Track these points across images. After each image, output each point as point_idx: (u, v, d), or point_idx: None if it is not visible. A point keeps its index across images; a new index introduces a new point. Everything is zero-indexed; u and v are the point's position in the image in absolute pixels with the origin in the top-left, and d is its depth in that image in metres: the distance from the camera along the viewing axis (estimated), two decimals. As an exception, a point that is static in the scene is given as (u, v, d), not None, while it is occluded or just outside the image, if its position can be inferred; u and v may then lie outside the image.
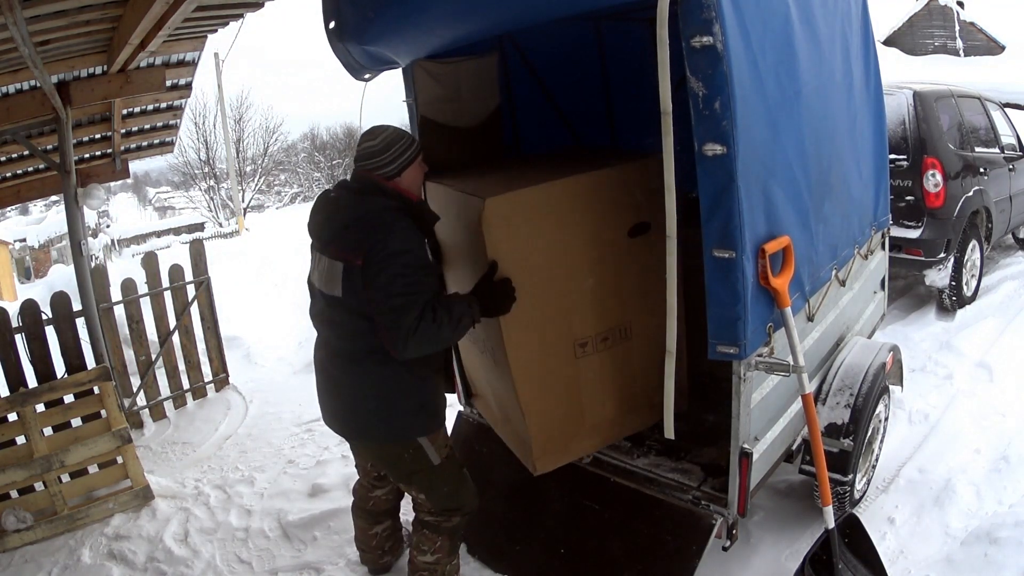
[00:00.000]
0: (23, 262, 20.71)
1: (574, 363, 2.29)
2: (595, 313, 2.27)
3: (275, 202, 32.06)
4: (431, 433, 2.12)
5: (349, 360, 2.06)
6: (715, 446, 2.41)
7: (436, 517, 2.22)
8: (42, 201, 22.67)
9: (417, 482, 2.18)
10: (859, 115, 2.73)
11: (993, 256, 5.57)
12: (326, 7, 2.41)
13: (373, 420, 2.07)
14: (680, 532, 2.18)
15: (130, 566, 2.90)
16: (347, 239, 1.95)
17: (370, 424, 2.09)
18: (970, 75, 12.71)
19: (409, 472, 2.16)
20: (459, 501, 2.22)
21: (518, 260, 2.11)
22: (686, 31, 1.65)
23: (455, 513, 2.22)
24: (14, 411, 3.18)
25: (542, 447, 2.33)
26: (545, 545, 2.43)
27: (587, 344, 2.29)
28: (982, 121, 5.15)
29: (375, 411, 2.06)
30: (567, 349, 2.27)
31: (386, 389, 2.02)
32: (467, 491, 2.26)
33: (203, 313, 4.61)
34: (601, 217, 2.21)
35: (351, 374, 2.06)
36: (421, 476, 2.15)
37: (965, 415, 3.31)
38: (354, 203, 2.01)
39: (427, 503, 2.21)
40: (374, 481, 2.45)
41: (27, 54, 2.42)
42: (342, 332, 2.05)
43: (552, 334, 2.23)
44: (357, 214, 1.97)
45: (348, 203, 2.03)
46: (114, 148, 4.92)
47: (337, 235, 1.99)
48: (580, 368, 2.30)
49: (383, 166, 2.03)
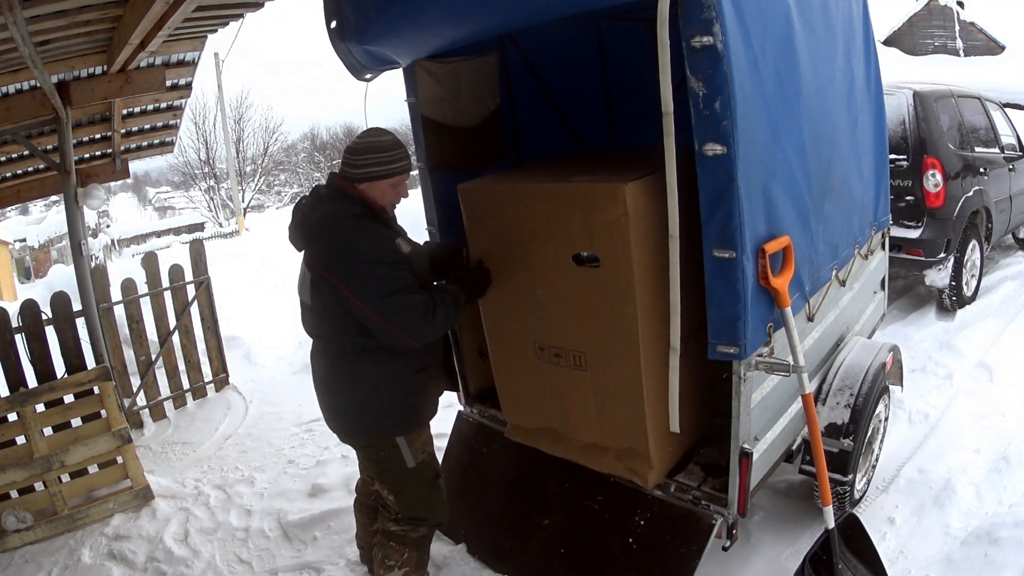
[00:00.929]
0: (23, 262, 20.70)
1: (535, 360, 2.39)
2: (546, 324, 2.31)
3: (275, 202, 32.06)
4: (408, 434, 2.11)
5: (329, 360, 2.11)
6: (715, 446, 2.41)
7: (402, 526, 2.19)
8: (42, 201, 22.66)
9: (388, 482, 2.18)
10: (859, 115, 2.73)
11: (993, 256, 5.57)
12: (327, 7, 2.41)
13: (352, 415, 2.12)
14: (680, 532, 2.18)
15: (130, 566, 2.90)
16: (315, 250, 1.98)
17: (349, 419, 2.14)
18: (970, 75, 12.71)
19: (382, 470, 2.17)
20: (428, 510, 2.19)
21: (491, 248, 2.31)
22: (686, 31, 1.65)
23: (422, 523, 2.19)
24: (14, 411, 3.18)
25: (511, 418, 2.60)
26: (545, 545, 2.43)
27: (544, 350, 2.35)
28: (982, 121, 5.15)
29: (353, 407, 2.10)
30: (529, 345, 2.39)
31: (361, 386, 2.05)
32: (438, 502, 2.22)
33: (203, 313, 4.62)
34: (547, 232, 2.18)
35: (333, 373, 2.11)
36: (393, 476, 2.16)
37: (965, 415, 3.31)
38: (316, 208, 2.02)
39: (395, 506, 2.20)
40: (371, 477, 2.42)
41: (27, 54, 2.42)
42: (319, 334, 2.11)
43: (517, 324, 2.38)
44: (314, 221, 1.98)
45: (312, 208, 2.03)
46: (114, 148, 4.92)
47: (305, 242, 2.02)
48: (541, 368, 2.39)
49: (351, 167, 2.02)
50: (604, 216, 1.99)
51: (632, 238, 1.96)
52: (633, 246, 1.97)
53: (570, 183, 2.12)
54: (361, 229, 1.94)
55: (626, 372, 2.11)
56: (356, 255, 1.90)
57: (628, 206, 1.93)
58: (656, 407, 2.12)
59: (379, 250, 1.93)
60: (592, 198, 2.02)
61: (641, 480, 2.27)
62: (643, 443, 2.21)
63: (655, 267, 1.96)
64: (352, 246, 1.91)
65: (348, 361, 2.05)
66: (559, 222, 2.13)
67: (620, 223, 1.96)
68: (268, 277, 7.79)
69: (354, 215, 1.96)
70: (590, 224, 2.04)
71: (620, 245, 1.99)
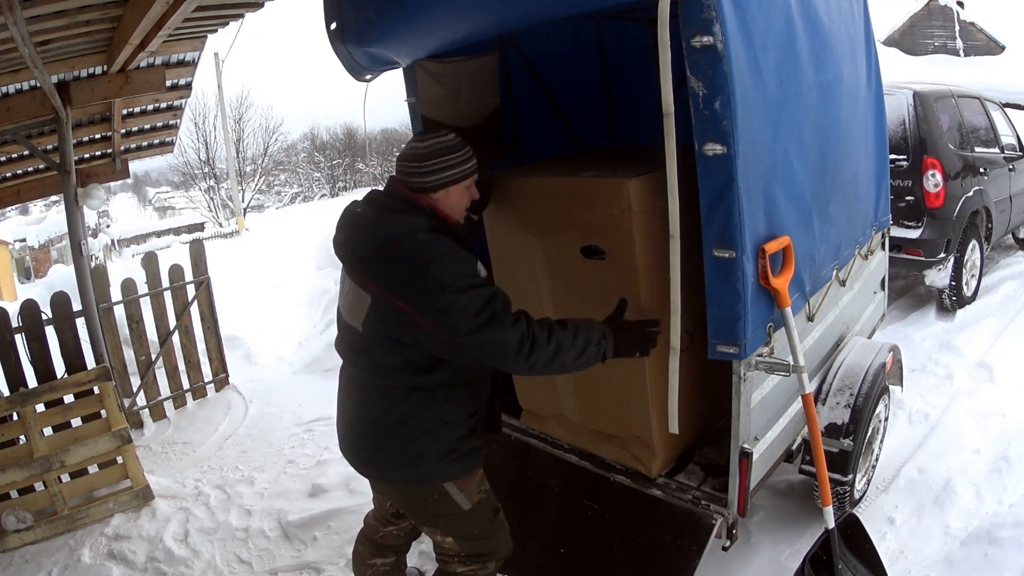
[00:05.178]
0: (23, 262, 20.71)
1: None
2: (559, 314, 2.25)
3: (275, 202, 32.09)
4: (459, 479, 1.88)
5: (370, 394, 1.85)
6: (715, 446, 2.41)
7: (469, 567, 1.99)
8: (42, 201, 22.66)
9: (443, 526, 1.95)
10: (861, 115, 2.73)
11: (993, 256, 5.57)
12: (327, 9, 2.41)
13: (395, 461, 1.84)
14: (680, 532, 2.17)
15: (130, 566, 2.90)
16: (377, 271, 1.71)
17: (390, 461, 1.86)
18: (970, 75, 12.71)
19: (433, 515, 1.94)
20: (492, 546, 2.00)
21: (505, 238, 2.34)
22: (686, 31, 1.64)
23: (488, 558, 2.01)
24: (14, 411, 3.18)
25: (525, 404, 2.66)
26: (545, 545, 2.43)
27: None
28: (982, 121, 5.15)
29: (395, 449, 1.82)
30: None
31: (409, 429, 1.80)
32: (503, 536, 2.04)
33: (203, 313, 4.62)
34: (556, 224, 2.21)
35: (374, 410, 1.84)
36: (446, 520, 1.93)
37: (965, 415, 3.31)
38: (378, 222, 1.74)
39: (455, 547, 1.97)
40: (391, 517, 2.20)
41: (27, 54, 2.42)
42: (367, 364, 1.83)
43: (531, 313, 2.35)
44: (381, 239, 1.70)
45: (373, 221, 1.76)
46: (114, 148, 4.92)
47: (364, 262, 1.74)
48: None
49: (419, 176, 1.78)
50: (609, 210, 2.04)
51: (636, 233, 2.01)
52: (636, 240, 2.02)
53: (577, 177, 2.18)
54: (439, 249, 1.66)
55: (632, 363, 2.10)
56: (437, 282, 1.62)
57: (632, 201, 1.98)
58: (660, 398, 2.11)
59: (462, 274, 1.65)
60: (597, 192, 2.07)
61: (645, 469, 2.31)
62: (648, 432, 2.26)
63: (659, 261, 1.96)
64: (432, 271, 1.62)
65: (396, 401, 1.79)
66: (567, 215, 2.16)
67: (624, 218, 2.01)
68: (268, 277, 7.79)
69: (427, 230, 1.71)
70: (596, 218, 2.09)
71: (624, 239, 2.04)
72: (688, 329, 2.00)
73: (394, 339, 1.72)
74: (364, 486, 3.14)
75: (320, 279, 7.48)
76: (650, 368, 2.13)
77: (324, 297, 6.81)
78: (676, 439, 2.28)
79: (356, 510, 2.97)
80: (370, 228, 1.75)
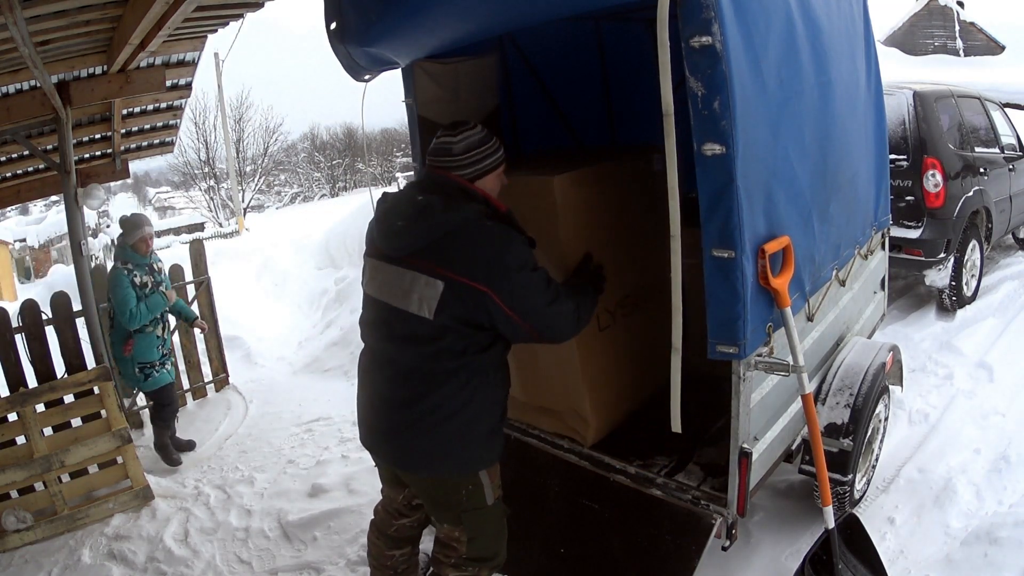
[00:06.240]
0: (23, 262, 20.73)
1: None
2: None
3: (275, 202, 32.10)
4: (491, 467, 1.94)
5: (435, 382, 1.81)
6: (715, 446, 2.41)
7: (463, 572, 1.99)
8: (42, 201, 22.68)
9: (467, 522, 1.95)
10: (861, 115, 2.73)
11: (993, 256, 5.57)
12: (328, 9, 2.41)
13: (443, 449, 1.84)
14: (680, 532, 2.17)
15: (130, 566, 2.90)
16: (450, 255, 1.74)
17: (439, 453, 1.85)
18: (970, 75, 12.71)
19: (462, 511, 1.94)
20: (496, 548, 2.04)
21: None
22: (685, 31, 1.65)
23: (487, 562, 2.02)
24: (14, 411, 3.18)
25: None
26: (545, 545, 2.43)
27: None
28: (982, 121, 5.15)
29: (452, 437, 1.83)
30: None
31: (471, 410, 1.82)
32: (504, 539, 2.07)
33: (203, 313, 4.62)
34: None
35: (435, 397, 1.80)
36: (472, 516, 1.94)
37: (965, 415, 3.31)
38: (446, 208, 1.77)
39: (462, 546, 1.97)
40: (403, 509, 2.17)
41: (27, 54, 2.42)
42: (433, 352, 1.79)
43: None
44: (451, 225, 1.76)
45: (440, 208, 1.77)
46: (114, 148, 4.92)
47: (433, 248, 1.76)
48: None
49: (458, 168, 1.85)
50: (539, 204, 2.27)
51: (560, 226, 2.26)
52: (561, 233, 2.27)
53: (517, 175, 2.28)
54: (508, 233, 1.79)
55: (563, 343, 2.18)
56: (511, 263, 1.74)
57: (557, 196, 2.23)
58: (590, 372, 2.44)
59: (530, 256, 1.80)
60: (529, 189, 2.30)
61: (581, 438, 2.51)
62: (582, 404, 2.47)
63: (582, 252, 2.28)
64: (505, 253, 1.75)
65: (460, 384, 1.80)
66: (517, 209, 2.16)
67: (550, 211, 2.26)
68: (268, 277, 7.80)
69: (490, 216, 1.81)
70: (530, 212, 2.22)
71: (550, 231, 2.26)
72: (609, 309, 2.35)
73: (469, 322, 1.77)
74: (364, 486, 3.15)
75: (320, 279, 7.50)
76: (579, 345, 2.34)
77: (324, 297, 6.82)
78: (609, 411, 2.55)
79: (356, 510, 2.98)
80: (437, 215, 1.77)
